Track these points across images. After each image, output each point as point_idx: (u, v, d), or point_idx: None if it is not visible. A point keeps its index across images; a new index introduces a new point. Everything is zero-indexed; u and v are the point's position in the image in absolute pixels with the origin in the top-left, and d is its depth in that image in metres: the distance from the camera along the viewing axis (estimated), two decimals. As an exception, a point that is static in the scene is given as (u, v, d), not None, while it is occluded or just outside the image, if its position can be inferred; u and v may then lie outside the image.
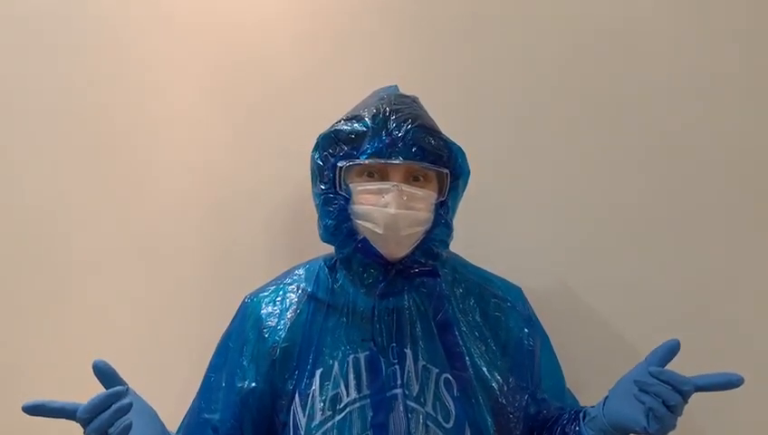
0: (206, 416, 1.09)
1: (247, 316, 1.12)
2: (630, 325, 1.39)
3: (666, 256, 1.40)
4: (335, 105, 1.15)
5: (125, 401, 0.91)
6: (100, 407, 0.90)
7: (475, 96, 1.43)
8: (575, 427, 1.08)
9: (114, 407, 0.90)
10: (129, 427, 0.91)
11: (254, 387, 1.07)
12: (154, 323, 1.41)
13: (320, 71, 1.44)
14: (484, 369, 1.08)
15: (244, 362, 1.09)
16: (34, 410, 0.89)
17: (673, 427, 0.96)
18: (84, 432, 0.91)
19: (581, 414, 1.08)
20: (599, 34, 1.43)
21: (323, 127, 1.09)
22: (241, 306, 1.15)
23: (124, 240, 1.42)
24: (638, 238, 1.41)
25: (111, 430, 0.90)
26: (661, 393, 0.95)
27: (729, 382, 0.95)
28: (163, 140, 1.43)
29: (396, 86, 1.17)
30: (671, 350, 0.98)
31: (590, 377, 1.25)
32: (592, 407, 1.08)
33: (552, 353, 1.19)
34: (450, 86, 1.43)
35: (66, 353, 1.39)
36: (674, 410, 0.95)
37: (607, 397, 1.05)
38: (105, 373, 0.93)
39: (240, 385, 1.08)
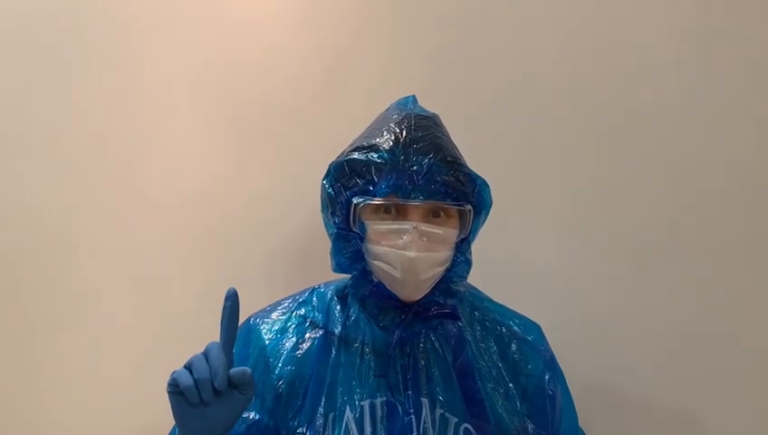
0: None
1: (252, 342, 1.04)
2: (643, 358, 1.35)
3: (679, 283, 1.36)
4: (341, 130, 1.10)
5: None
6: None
7: (480, 116, 1.39)
8: None
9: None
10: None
11: (258, 419, 0.99)
12: (150, 351, 1.35)
13: (323, 98, 1.40)
14: (505, 416, 1.00)
15: (254, 398, 1.00)
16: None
17: None
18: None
19: None
20: (605, 54, 1.39)
21: (326, 154, 1.03)
22: (244, 327, 1.06)
23: (122, 269, 1.37)
24: (651, 267, 1.36)
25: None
26: None
27: None
28: (163, 169, 1.39)
29: (414, 97, 1.08)
30: None
31: (602, 411, 1.23)
32: None
33: (568, 392, 1.12)
34: (456, 103, 1.38)
35: (63, 379, 1.35)
36: None
37: None
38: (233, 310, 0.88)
39: (245, 416, 0.99)
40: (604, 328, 1.37)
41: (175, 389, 0.85)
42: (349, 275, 1.03)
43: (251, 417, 0.99)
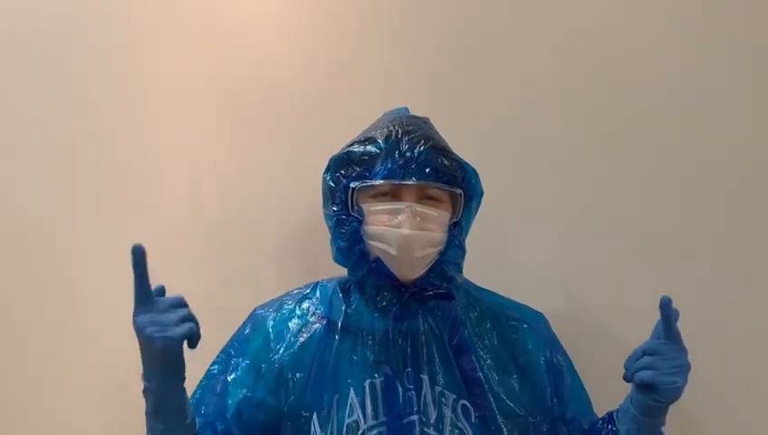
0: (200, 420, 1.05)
1: (256, 330, 1.10)
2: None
3: (679, 280, 1.37)
4: (341, 130, 1.15)
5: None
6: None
7: (482, 116, 1.42)
8: (611, 426, 1.07)
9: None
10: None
11: (249, 396, 1.05)
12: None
13: (324, 97, 1.43)
14: (502, 395, 1.06)
15: (250, 375, 1.07)
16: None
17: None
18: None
19: (614, 413, 1.08)
20: (606, 53, 1.42)
21: (327, 150, 1.09)
22: (251, 318, 1.13)
23: (123, 269, 1.38)
24: (652, 258, 1.39)
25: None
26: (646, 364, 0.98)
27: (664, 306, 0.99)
28: (164, 169, 1.42)
29: (406, 108, 1.17)
30: (663, 309, 0.99)
31: (608, 399, 1.23)
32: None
33: (576, 375, 1.17)
34: (457, 104, 1.42)
35: (63, 379, 1.39)
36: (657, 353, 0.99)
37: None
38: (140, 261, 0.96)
39: (238, 392, 1.06)
40: (605, 325, 1.38)
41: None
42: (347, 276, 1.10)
43: (242, 394, 1.05)
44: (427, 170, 1.01)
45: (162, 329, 0.92)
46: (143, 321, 0.94)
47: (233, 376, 1.07)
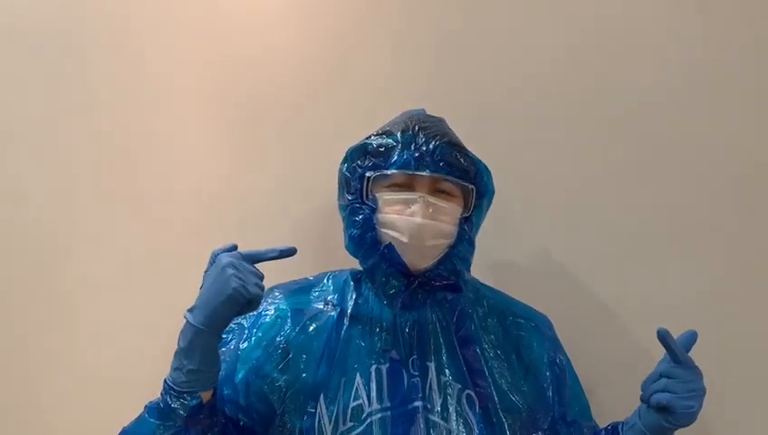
0: None
1: (272, 306, 1.13)
2: (649, 342, 1.37)
3: (681, 267, 1.40)
4: (342, 128, 1.18)
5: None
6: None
7: (481, 115, 1.43)
8: None
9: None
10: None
11: (258, 367, 1.07)
12: (160, 347, 1.37)
13: (325, 96, 1.45)
14: (505, 388, 1.08)
15: (260, 347, 1.09)
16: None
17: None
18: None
19: (620, 425, 1.09)
20: (606, 53, 1.45)
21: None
22: (269, 294, 1.14)
23: (123, 268, 1.42)
24: (652, 251, 1.41)
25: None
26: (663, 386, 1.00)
27: (662, 337, 1.00)
28: (163, 166, 1.44)
29: (423, 109, 1.19)
30: (662, 340, 1.01)
31: (608, 397, 1.23)
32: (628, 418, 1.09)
33: (577, 379, 1.19)
34: (456, 101, 1.42)
35: (65, 379, 1.40)
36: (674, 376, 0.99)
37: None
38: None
39: (249, 363, 1.08)
40: (605, 325, 1.40)
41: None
42: (360, 268, 1.12)
43: (251, 363, 1.08)
44: (441, 164, 1.04)
45: (242, 279, 0.95)
46: (228, 262, 0.96)
47: (245, 345, 1.09)
